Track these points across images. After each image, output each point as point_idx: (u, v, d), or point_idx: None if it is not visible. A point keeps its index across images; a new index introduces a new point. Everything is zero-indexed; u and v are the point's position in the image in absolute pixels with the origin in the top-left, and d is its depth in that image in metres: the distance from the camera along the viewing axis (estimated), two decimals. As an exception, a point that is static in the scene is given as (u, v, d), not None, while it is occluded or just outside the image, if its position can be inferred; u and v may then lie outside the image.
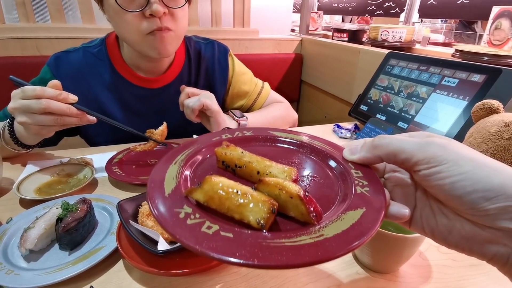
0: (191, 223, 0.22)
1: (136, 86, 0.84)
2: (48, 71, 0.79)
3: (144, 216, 0.45)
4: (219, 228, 0.22)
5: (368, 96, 0.98)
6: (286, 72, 1.68)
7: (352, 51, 1.31)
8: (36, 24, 1.22)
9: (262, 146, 0.36)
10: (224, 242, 0.21)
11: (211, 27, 1.52)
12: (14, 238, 0.45)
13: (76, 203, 0.46)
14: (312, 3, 1.92)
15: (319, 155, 0.35)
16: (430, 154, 0.25)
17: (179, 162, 0.30)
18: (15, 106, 0.56)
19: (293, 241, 0.21)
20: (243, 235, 0.21)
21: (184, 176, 0.29)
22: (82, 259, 0.41)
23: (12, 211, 0.53)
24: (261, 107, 0.99)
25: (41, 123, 0.57)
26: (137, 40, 0.71)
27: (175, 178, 0.27)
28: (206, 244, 0.20)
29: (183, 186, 0.27)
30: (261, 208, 0.23)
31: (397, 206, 0.28)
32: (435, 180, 0.25)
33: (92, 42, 0.85)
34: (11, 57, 1.15)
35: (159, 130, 0.70)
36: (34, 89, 0.55)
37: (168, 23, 0.70)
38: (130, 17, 0.67)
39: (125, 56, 0.82)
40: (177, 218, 0.22)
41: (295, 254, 0.20)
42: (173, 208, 0.23)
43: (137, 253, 0.41)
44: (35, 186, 0.59)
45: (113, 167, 0.66)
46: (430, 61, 0.84)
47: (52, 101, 0.56)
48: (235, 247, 0.20)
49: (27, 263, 0.41)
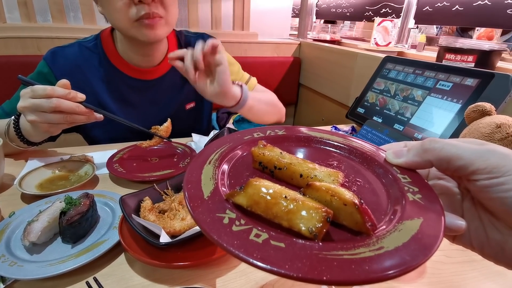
0: (237, 230, 0.20)
1: (131, 78, 0.85)
2: (45, 65, 0.80)
3: (146, 211, 0.46)
4: (269, 236, 0.20)
5: (365, 99, 1.00)
6: (285, 75, 1.70)
7: (349, 55, 1.34)
8: (38, 24, 1.23)
9: (297, 147, 0.34)
10: (276, 252, 0.19)
11: (211, 30, 1.54)
12: (17, 232, 0.46)
13: (79, 197, 0.47)
14: (311, 8, 1.95)
15: (360, 157, 0.31)
16: (492, 163, 0.23)
17: (213, 162, 0.28)
18: (25, 105, 0.58)
19: (351, 254, 0.19)
20: (296, 246, 0.19)
21: (221, 177, 0.26)
22: (85, 251, 0.42)
23: (14, 206, 0.53)
24: None
25: (50, 121, 0.58)
26: (126, 26, 0.72)
27: (212, 179, 0.25)
28: (257, 255, 0.18)
29: (221, 188, 0.24)
30: (314, 216, 0.21)
31: (451, 217, 0.24)
32: (496, 192, 0.23)
33: (87, 38, 0.87)
34: (12, 56, 1.16)
35: (163, 127, 0.71)
36: (45, 88, 0.56)
37: (158, 9, 0.71)
38: (120, 4, 0.69)
39: (119, 49, 0.84)
40: (221, 224, 0.20)
41: (358, 268, 0.18)
42: (216, 213, 0.21)
43: (139, 246, 0.42)
44: (36, 182, 0.60)
45: (114, 164, 0.67)
46: (425, 65, 0.86)
47: (62, 100, 0.57)
48: (289, 259, 0.18)
49: (30, 255, 0.42)
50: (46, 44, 1.20)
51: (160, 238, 0.40)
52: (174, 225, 0.44)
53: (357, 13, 1.86)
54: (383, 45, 1.37)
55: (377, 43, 1.37)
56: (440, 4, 1.24)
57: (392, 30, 1.36)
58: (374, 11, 1.67)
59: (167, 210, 0.49)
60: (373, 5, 1.68)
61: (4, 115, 0.74)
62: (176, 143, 0.80)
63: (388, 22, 1.35)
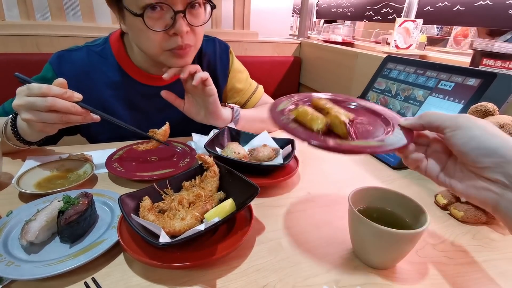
0: (285, 121, 0.45)
1: (142, 84, 0.84)
2: (50, 70, 0.79)
3: (146, 210, 0.46)
4: (298, 126, 0.43)
5: (366, 98, 0.99)
6: (285, 75, 1.70)
7: (350, 55, 1.33)
8: (37, 22, 1.23)
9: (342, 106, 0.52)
10: (299, 130, 0.42)
11: (211, 29, 1.54)
12: (14, 231, 0.45)
13: (77, 197, 0.46)
14: (311, 7, 1.95)
15: (373, 113, 0.51)
16: (454, 122, 0.36)
17: (284, 104, 0.50)
18: (20, 103, 0.56)
19: (340, 142, 0.40)
20: (311, 133, 0.42)
21: (288, 108, 0.49)
22: (83, 251, 0.41)
23: (12, 205, 0.52)
24: (254, 106, 1.01)
25: (45, 120, 0.57)
26: (156, 54, 0.71)
27: (283, 106, 0.49)
28: (289, 127, 0.42)
29: (287, 111, 0.48)
30: (320, 123, 0.42)
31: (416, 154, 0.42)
32: (453, 139, 0.36)
33: (95, 42, 0.85)
34: (10, 53, 1.15)
35: (161, 130, 0.70)
36: (40, 86, 0.55)
37: (190, 40, 0.71)
38: (153, 35, 0.67)
39: (133, 57, 0.82)
40: (280, 120, 0.45)
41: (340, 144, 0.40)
42: (280, 117, 0.46)
43: (139, 246, 0.42)
44: (34, 180, 0.59)
45: (113, 163, 0.66)
46: (426, 65, 0.85)
47: (57, 99, 0.56)
48: (307, 135, 0.41)
49: (27, 255, 0.41)
50: (45, 42, 1.19)
51: (159, 238, 0.40)
52: (174, 225, 0.44)
53: (357, 13, 1.86)
54: (403, 48, 1.26)
55: (397, 45, 1.26)
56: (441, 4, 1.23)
57: (413, 31, 1.24)
58: (375, 11, 1.67)
59: (166, 210, 0.48)
60: (373, 5, 1.68)
61: (3, 114, 0.73)
62: (176, 142, 0.79)
63: (410, 23, 1.23)
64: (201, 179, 0.55)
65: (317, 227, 0.53)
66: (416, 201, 0.45)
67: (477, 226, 0.55)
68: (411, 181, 0.71)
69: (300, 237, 0.50)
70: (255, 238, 0.49)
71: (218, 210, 0.46)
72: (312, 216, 0.56)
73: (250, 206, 0.50)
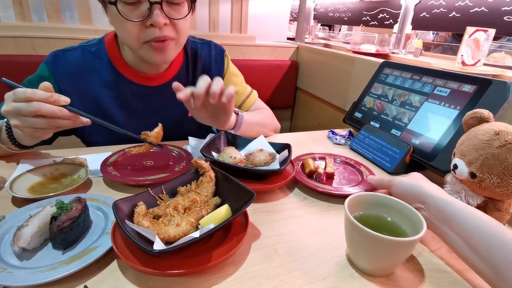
0: None
1: (136, 84, 0.84)
2: (46, 69, 0.78)
3: (140, 216, 0.45)
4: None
5: (362, 103, 1.00)
6: (282, 79, 1.70)
7: (347, 60, 1.34)
8: (33, 24, 1.22)
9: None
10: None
11: (209, 32, 1.54)
12: (6, 236, 0.44)
13: (71, 202, 0.46)
14: (309, 12, 1.96)
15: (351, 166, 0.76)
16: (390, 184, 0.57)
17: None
18: (7, 109, 0.55)
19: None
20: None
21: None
22: (76, 258, 0.40)
23: (4, 210, 0.52)
24: (248, 110, 1.01)
25: (33, 125, 0.55)
26: (136, 47, 0.72)
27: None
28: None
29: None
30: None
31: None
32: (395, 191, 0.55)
33: (90, 42, 0.85)
34: (6, 55, 1.14)
35: (154, 132, 0.68)
36: (25, 91, 0.53)
37: (169, 32, 0.70)
38: (131, 26, 0.67)
39: (124, 55, 0.82)
40: None
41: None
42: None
43: (133, 253, 0.41)
44: (28, 185, 0.58)
45: (108, 167, 0.66)
46: (423, 71, 0.86)
47: (42, 103, 0.54)
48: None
49: (20, 262, 0.41)
50: (41, 43, 1.18)
51: (154, 244, 0.39)
52: (169, 231, 0.43)
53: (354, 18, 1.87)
54: (470, 65, 1.02)
55: (463, 61, 1.01)
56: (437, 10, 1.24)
57: (484, 44, 1.00)
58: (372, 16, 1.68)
59: (161, 216, 0.48)
60: (370, 10, 1.69)
61: None
62: (172, 145, 0.79)
63: (481, 33, 0.99)
64: (197, 184, 0.54)
65: (313, 233, 0.53)
66: (412, 208, 0.45)
67: (473, 233, 0.56)
68: (407, 186, 0.71)
69: (296, 244, 0.50)
70: (251, 244, 0.49)
71: (214, 216, 0.46)
72: (308, 222, 0.56)
73: (246, 212, 0.49)
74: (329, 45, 1.82)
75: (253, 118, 0.89)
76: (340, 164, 0.77)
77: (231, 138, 0.77)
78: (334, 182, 0.68)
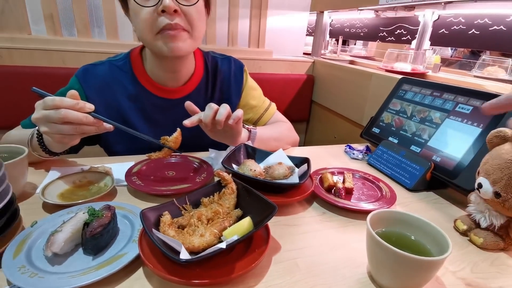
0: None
1: (157, 97, 0.88)
2: (76, 82, 0.84)
3: (166, 226, 0.46)
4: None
5: (380, 119, 1.00)
6: (298, 92, 1.72)
7: (364, 75, 1.34)
8: (63, 38, 1.29)
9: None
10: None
11: (227, 47, 1.58)
12: (38, 241, 0.46)
13: (101, 209, 0.48)
14: (325, 27, 1.99)
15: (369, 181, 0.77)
16: None
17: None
18: (37, 116, 0.59)
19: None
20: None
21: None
22: (105, 264, 0.42)
23: (35, 215, 0.54)
24: (267, 123, 1.03)
25: (61, 131, 0.59)
26: (150, 39, 0.75)
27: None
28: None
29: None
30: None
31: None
32: None
33: (117, 56, 0.90)
34: (37, 67, 1.21)
35: (172, 137, 0.70)
36: (53, 99, 0.57)
37: (180, 21, 0.73)
38: (145, 15, 0.71)
39: (147, 68, 0.87)
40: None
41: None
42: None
43: (158, 261, 0.42)
44: (58, 191, 0.61)
45: (132, 177, 0.68)
46: (443, 87, 0.86)
47: (69, 110, 0.57)
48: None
49: (51, 266, 0.42)
50: (71, 57, 1.25)
51: (179, 254, 0.40)
52: (193, 241, 0.44)
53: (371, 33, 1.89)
54: None
55: None
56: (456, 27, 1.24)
57: None
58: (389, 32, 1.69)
59: (185, 226, 0.49)
60: (387, 26, 1.71)
61: (31, 125, 0.77)
62: (193, 157, 0.81)
63: None
64: (219, 196, 0.56)
65: (333, 248, 0.53)
66: (437, 227, 0.44)
67: (495, 253, 0.54)
68: (428, 205, 0.70)
69: (316, 258, 0.50)
70: (272, 258, 0.49)
71: (237, 228, 0.47)
72: (327, 236, 0.56)
73: (267, 225, 0.50)
74: (354, 61, 1.82)
75: (268, 133, 0.91)
76: (358, 179, 0.77)
77: (251, 150, 0.79)
78: (353, 198, 0.68)
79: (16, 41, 1.20)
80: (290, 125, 1.05)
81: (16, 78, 1.17)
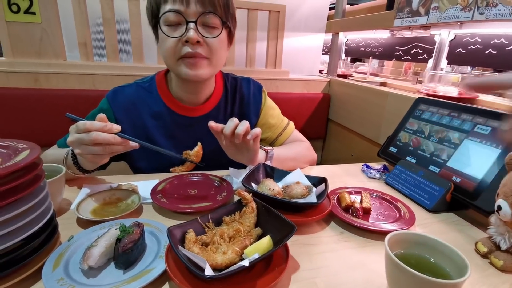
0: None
1: (179, 115, 0.93)
2: (106, 102, 0.91)
3: (191, 243, 0.49)
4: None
5: (397, 138, 1.00)
6: (314, 110, 1.75)
7: (380, 94, 1.36)
8: (94, 62, 1.39)
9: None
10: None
11: (245, 68, 1.65)
12: (74, 255, 0.50)
13: (131, 226, 0.51)
14: (340, 47, 2.03)
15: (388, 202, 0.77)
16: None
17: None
18: (71, 140, 0.65)
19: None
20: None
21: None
22: (135, 278, 0.45)
23: (70, 230, 0.58)
24: (285, 142, 1.05)
25: (93, 152, 0.65)
26: (172, 64, 0.82)
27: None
28: None
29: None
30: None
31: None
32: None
33: (144, 79, 0.98)
34: (70, 89, 1.31)
35: (194, 151, 0.74)
36: (85, 123, 0.63)
37: (201, 50, 0.80)
38: (171, 43, 0.79)
39: (171, 88, 0.94)
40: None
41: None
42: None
43: (184, 277, 0.45)
44: (90, 207, 0.65)
45: (157, 195, 0.72)
46: (461, 108, 0.86)
47: (99, 132, 0.63)
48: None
49: (86, 279, 0.46)
50: (100, 80, 1.34)
51: (204, 270, 0.43)
52: (217, 258, 0.47)
53: (386, 52, 1.91)
54: None
55: None
56: (473, 47, 1.25)
57: None
58: (404, 51, 1.71)
59: (208, 243, 0.52)
60: (403, 45, 1.72)
61: (65, 145, 0.83)
62: (213, 176, 0.84)
63: None
64: (240, 215, 0.58)
65: (352, 268, 0.54)
66: (456, 249, 0.45)
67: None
68: (449, 226, 0.69)
69: (335, 278, 0.51)
70: (291, 276, 0.51)
71: (257, 246, 0.49)
72: (345, 257, 0.57)
73: (286, 244, 0.52)
74: (385, 83, 1.62)
75: (285, 154, 0.94)
76: (376, 199, 0.78)
77: (269, 170, 0.81)
78: (371, 218, 0.69)
79: (53, 66, 1.31)
80: (308, 144, 1.07)
81: (52, 100, 1.27)
